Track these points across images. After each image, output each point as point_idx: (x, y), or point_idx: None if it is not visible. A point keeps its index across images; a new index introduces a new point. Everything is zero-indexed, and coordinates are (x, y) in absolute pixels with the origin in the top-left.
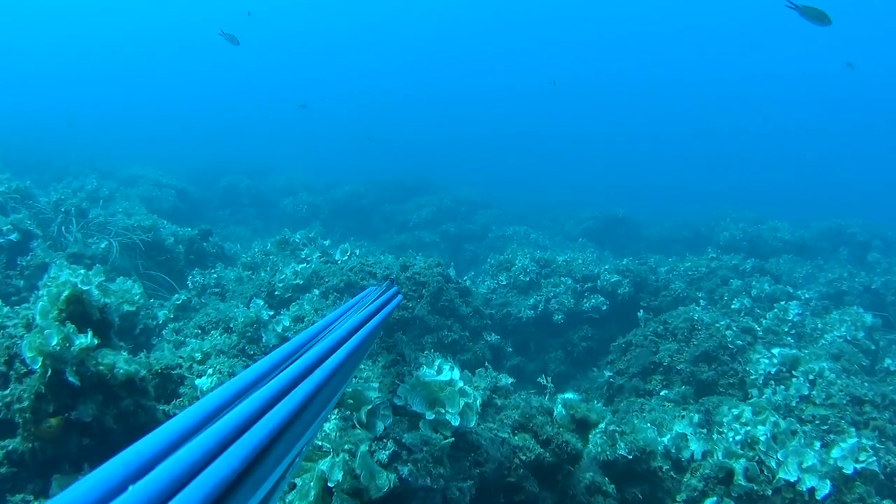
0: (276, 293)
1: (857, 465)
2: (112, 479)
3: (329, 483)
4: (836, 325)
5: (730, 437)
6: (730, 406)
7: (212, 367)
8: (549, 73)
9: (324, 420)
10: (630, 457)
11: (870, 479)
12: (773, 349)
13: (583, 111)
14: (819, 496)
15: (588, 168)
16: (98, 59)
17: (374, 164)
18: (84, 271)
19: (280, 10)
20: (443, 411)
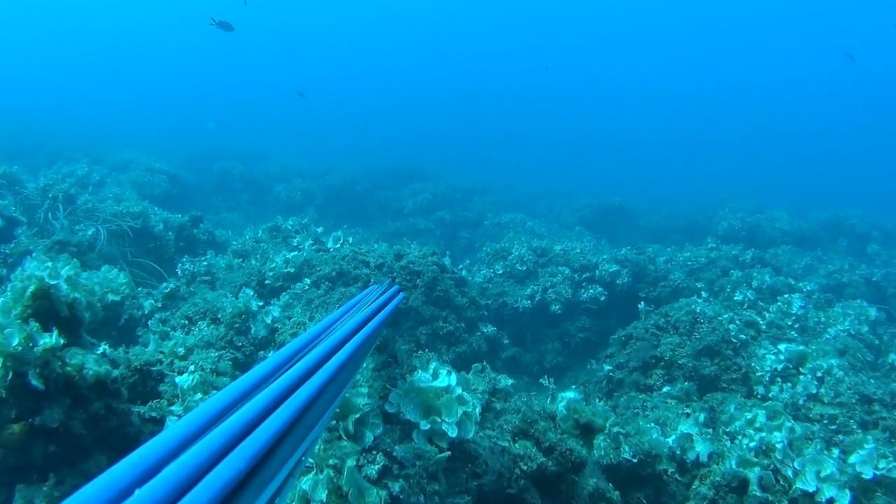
0: (266, 282)
1: (877, 472)
2: (118, 482)
3: None
4: (840, 319)
5: (744, 444)
6: (737, 405)
7: (193, 364)
8: (546, 61)
9: (328, 420)
10: (635, 460)
11: (891, 488)
12: (780, 345)
13: (579, 99)
14: None
15: (585, 155)
16: (94, 44)
17: (369, 150)
18: (52, 264)
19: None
20: (439, 420)
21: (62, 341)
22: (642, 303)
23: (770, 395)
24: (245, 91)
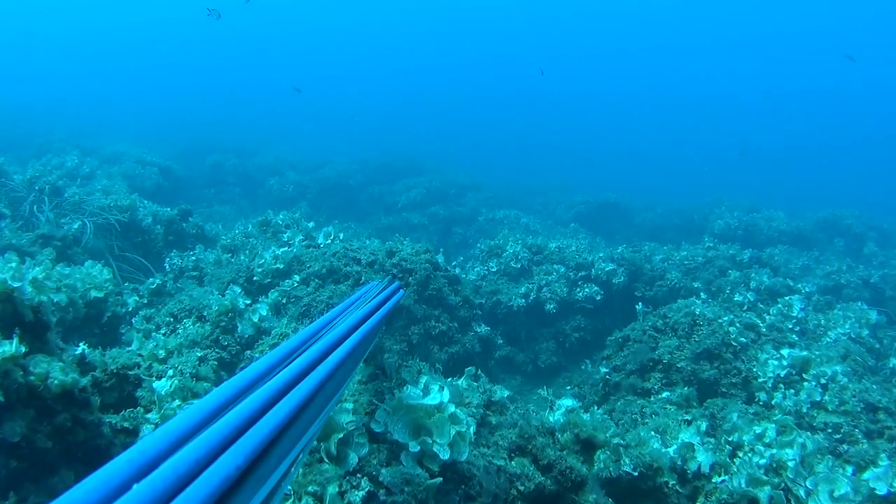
0: (254, 278)
1: (892, 489)
2: (116, 477)
3: None
4: (840, 322)
5: (754, 462)
6: (740, 413)
7: (173, 368)
8: (544, 59)
9: (327, 416)
10: (635, 473)
11: None
12: (783, 350)
13: (575, 96)
14: None
15: (580, 152)
16: (90, 38)
17: (363, 144)
18: (16, 264)
19: None
20: (430, 441)
21: (24, 349)
22: (640, 304)
23: (773, 401)
24: (240, 85)
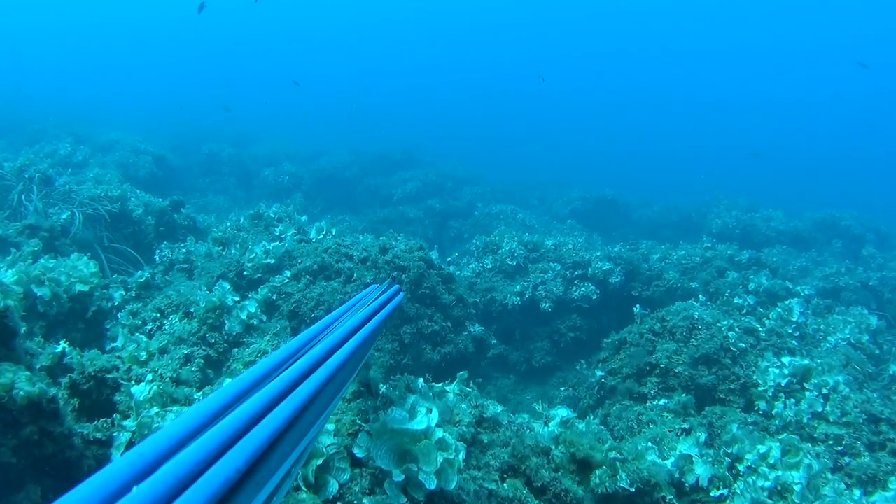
0: (245, 273)
1: None
2: (116, 480)
3: None
4: (840, 327)
5: (758, 485)
6: (739, 424)
7: (152, 372)
8: (542, 53)
9: (327, 419)
10: (632, 489)
11: None
12: (784, 357)
13: (574, 92)
14: None
15: (577, 147)
16: (90, 27)
17: (359, 135)
18: None
19: None
20: (415, 469)
21: None
22: (637, 306)
23: (774, 411)
24: (238, 76)
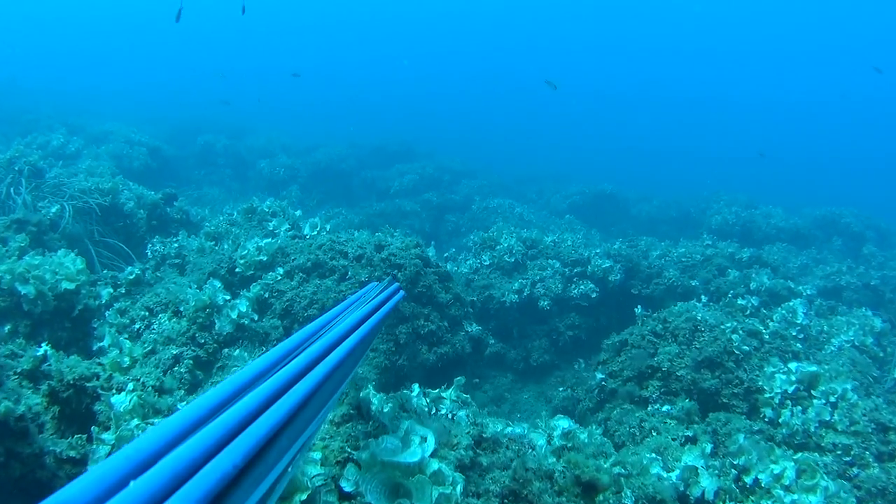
0: (237, 270)
1: None
2: (113, 474)
3: None
4: (844, 329)
5: None
6: (746, 434)
7: (134, 381)
8: (543, 49)
9: (325, 416)
10: None
11: None
12: (791, 363)
13: (574, 87)
14: None
15: (576, 140)
16: (85, 15)
17: (357, 128)
18: None
19: None
20: None
21: None
22: (639, 307)
23: (780, 419)
24: (235, 68)
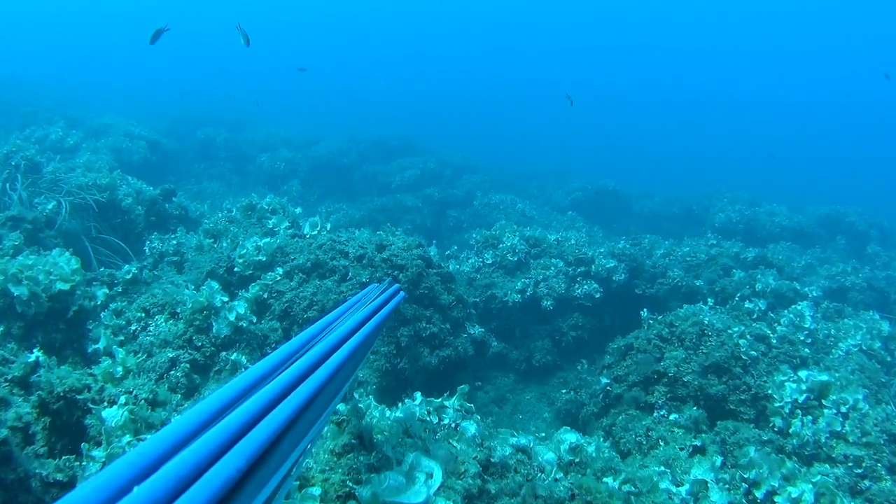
0: (235, 269)
1: None
2: (117, 480)
3: None
4: (851, 333)
5: None
6: (756, 447)
7: (126, 393)
8: (545, 46)
9: (328, 418)
10: None
11: None
12: (801, 371)
13: (576, 83)
14: None
15: (577, 134)
16: (88, 8)
17: (357, 121)
18: None
19: None
20: None
21: None
22: (645, 310)
23: (790, 429)
24: (236, 61)
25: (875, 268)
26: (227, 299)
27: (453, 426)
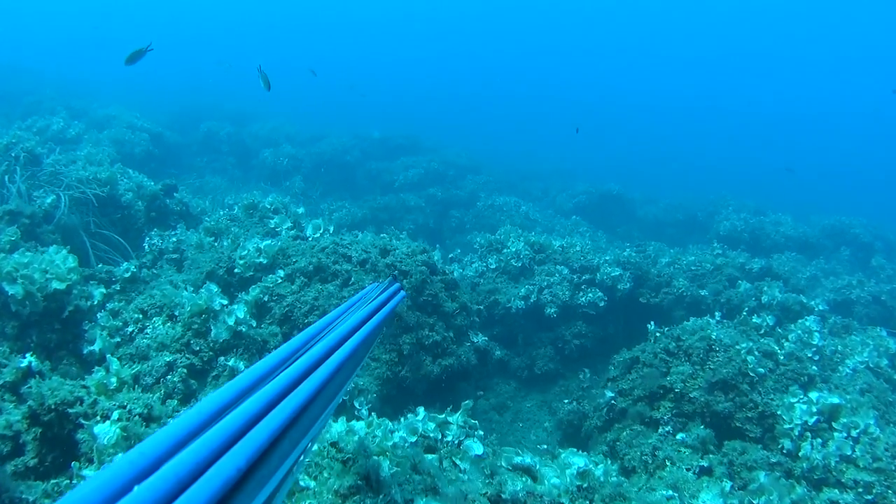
0: (236, 270)
1: None
2: (117, 479)
3: None
4: (858, 350)
5: None
6: (766, 472)
7: (120, 408)
8: (549, 46)
9: (328, 417)
10: None
11: None
12: (812, 393)
13: (581, 85)
14: None
15: (582, 134)
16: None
17: (362, 119)
18: None
19: None
20: None
21: None
22: (652, 323)
23: (800, 452)
24: (241, 55)
25: (880, 281)
26: (226, 302)
27: (456, 443)
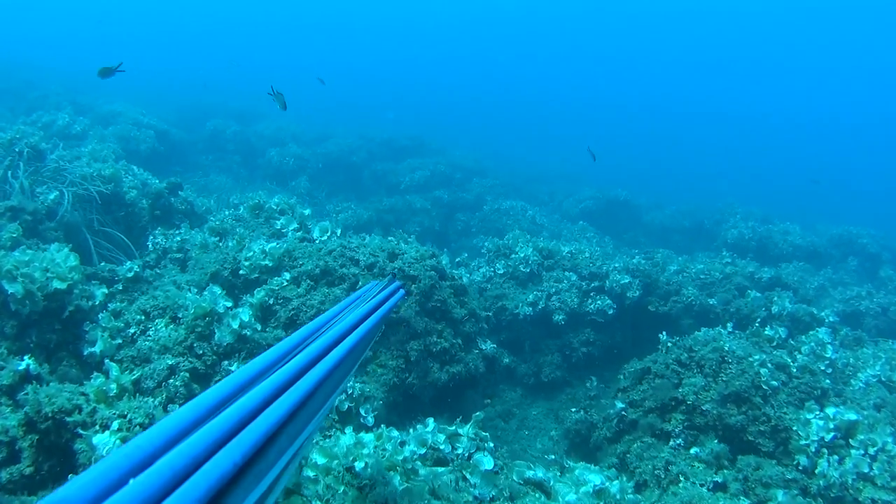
0: (241, 272)
1: None
2: (113, 472)
3: None
4: (871, 363)
5: None
6: (784, 490)
7: (120, 418)
8: (558, 43)
9: (326, 414)
10: None
11: None
12: (828, 409)
13: (587, 87)
14: None
15: (588, 138)
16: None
17: (369, 119)
18: None
19: None
20: None
21: None
22: (664, 333)
23: (817, 469)
24: (249, 55)
25: (889, 292)
26: (230, 305)
27: (466, 456)
